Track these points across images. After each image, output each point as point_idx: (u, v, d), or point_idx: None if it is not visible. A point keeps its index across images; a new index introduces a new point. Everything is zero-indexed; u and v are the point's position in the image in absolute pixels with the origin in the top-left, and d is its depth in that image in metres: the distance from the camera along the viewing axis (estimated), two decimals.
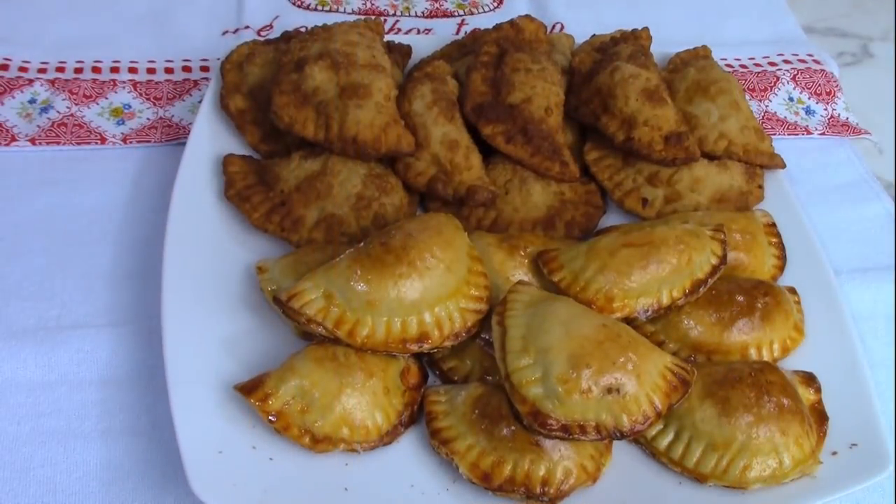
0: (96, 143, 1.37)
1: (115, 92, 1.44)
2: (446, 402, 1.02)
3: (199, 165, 1.23)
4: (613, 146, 1.28)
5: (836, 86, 1.59)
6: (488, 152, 1.27)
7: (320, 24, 1.34)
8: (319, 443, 0.98)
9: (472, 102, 1.26)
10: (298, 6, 1.67)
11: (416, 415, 1.03)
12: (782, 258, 1.21)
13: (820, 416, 1.04)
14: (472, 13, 1.71)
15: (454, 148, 1.22)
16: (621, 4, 1.73)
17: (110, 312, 1.15)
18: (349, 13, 1.67)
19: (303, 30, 1.38)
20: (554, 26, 1.65)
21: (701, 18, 1.74)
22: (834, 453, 1.01)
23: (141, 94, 1.45)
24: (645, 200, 1.27)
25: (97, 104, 1.42)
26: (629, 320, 1.07)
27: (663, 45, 1.44)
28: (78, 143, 1.36)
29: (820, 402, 1.05)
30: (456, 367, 1.08)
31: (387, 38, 1.40)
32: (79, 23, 1.57)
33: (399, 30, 1.64)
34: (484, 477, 0.95)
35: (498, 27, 1.40)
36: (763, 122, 1.51)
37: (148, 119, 1.41)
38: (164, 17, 1.61)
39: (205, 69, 1.50)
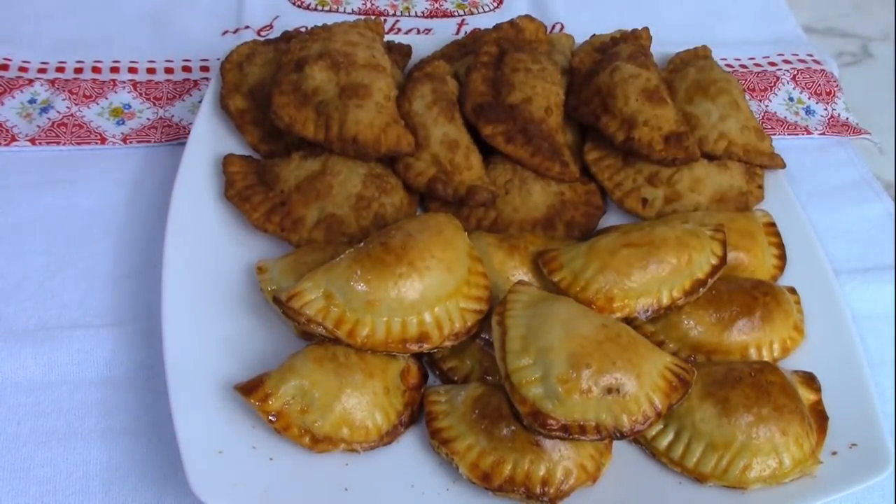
0: (96, 143, 1.37)
1: (115, 92, 1.44)
2: (446, 402, 1.02)
3: (199, 165, 1.23)
4: (613, 146, 1.27)
5: (836, 86, 1.59)
6: (488, 152, 1.27)
7: (320, 24, 1.34)
8: (319, 443, 0.98)
9: (472, 102, 1.26)
10: (298, 6, 1.67)
11: (416, 415, 1.03)
12: (782, 258, 1.21)
13: (820, 416, 1.04)
14: (472, 13, 1.71)
15: (454, 148, 1.22)
16: (621, 4, 1.73)
17: (110, 312, 1.15)
18: (349, 13, 1.67)
19: (303, 30, 1.38)
20: (554, 26, 1.65)
21: (701, 18, 1.74)
22: (834, 453, 1.01)
23: (141, 94, 1.45)
24: (645, 200, 1.27)
25: (97, 104, 1.42)
26: (629, 320, 1.07)
27: (663, 45, 1.44)
28: (78, 143, 1.36)
29: (820, 402, 1.05)
30: (456, 367, 1.08)
31: (387, 38, 1.40)
32: (79, 23, 1.57)
33: (399, 30, 1.64)
34: (484, 477, 0.95)
35: (498, 27, 1.40)
36: (763, 122, 1.51)
37: (148, 119, 1.41)
38: (164, 17, 1.61)
39: (205, 69, 1.50)
